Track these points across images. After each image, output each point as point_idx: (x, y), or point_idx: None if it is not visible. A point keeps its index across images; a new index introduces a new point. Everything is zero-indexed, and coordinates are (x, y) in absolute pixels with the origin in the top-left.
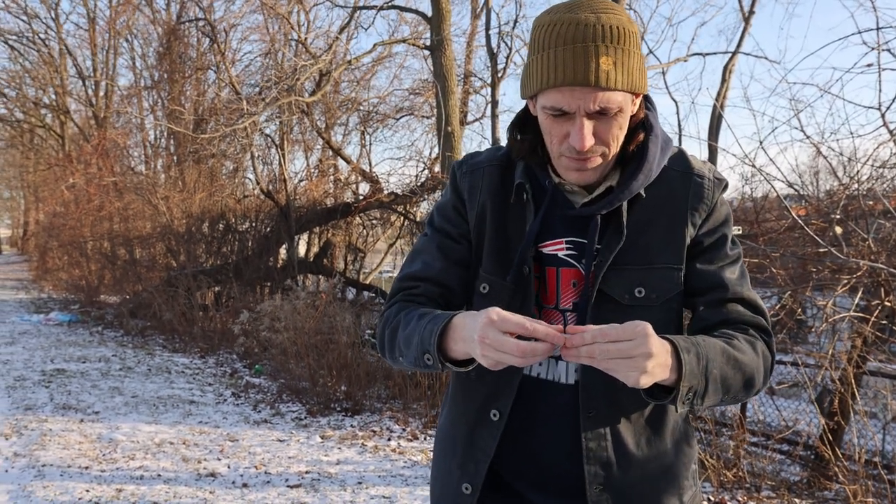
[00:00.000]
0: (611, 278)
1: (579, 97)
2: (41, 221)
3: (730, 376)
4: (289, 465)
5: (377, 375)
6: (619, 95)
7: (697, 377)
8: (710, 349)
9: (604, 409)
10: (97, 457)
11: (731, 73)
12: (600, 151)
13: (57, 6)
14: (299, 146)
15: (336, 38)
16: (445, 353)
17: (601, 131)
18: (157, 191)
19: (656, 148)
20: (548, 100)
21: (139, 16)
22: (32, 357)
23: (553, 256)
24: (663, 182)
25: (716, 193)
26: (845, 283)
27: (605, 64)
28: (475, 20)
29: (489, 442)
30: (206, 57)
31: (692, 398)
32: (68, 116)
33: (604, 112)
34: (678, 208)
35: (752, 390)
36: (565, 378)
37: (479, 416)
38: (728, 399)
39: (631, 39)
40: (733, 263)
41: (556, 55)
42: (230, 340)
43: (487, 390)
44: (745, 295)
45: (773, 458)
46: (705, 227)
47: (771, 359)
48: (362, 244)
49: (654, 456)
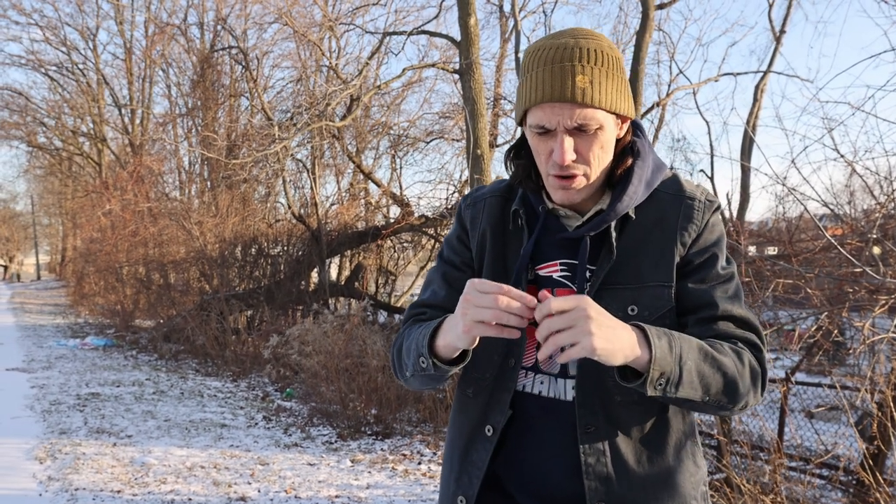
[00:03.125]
0: (604, 297)
1: (558, 112)
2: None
3: (708, 374)
4: (319, 488)
5: (407, 399)
6: (599, 114)
7: (670, 364)
8: (685, 342)
9: (602, 424)
10: (129, 481)
11: (762, 92)
12: (582, 170)
13: (95, 37)
14: (330, 170)
15: (366, 64)
16: (437, 354)
17: (582, 148)
18: (190, 216)
19: (643, 171)
20: (532, 118)
21: (174, 45)
22: (68, 381)
23: (548, 278)
24: (655, 205)
25: (706, 214)
26: (883, 303)
27: (581, 82)
28: (505, 43)
29: (482, 455)
30: (238, 84)
31: (664, 385)
32: (105, 144)
33: (583, 129)
34: (668, 229)
35: (737, 398)
36: (564, 395)
37: (474, 432)
38: (711, 402)
39: (610, 63)
40: (725, 282)
41: (537, 76)
42: (262, 364)
43: (482, 407)
44: (736, 312)
45: (813, 484)
46: (695, 246)
47: (761, 372)
48: (393, 267)
49: (656, 473)
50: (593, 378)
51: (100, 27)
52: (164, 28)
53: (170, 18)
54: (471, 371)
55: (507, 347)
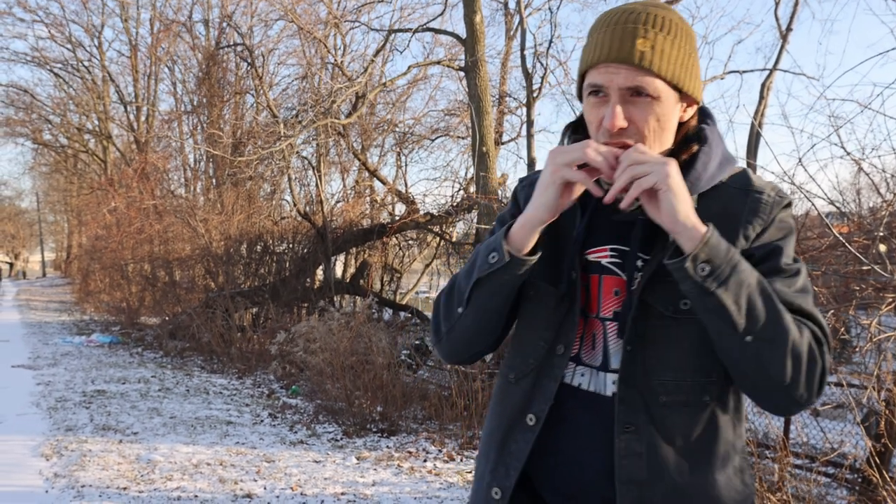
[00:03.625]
0: (655, 289)
1: (613, 72)
2: (84, 244)
3: (759, 308)
4: (325, 486)
5: (413, 396)
6: (658, 83)
7: (721, 258)
8: (746, 264)
9: (643, 425)
10: (135, 478)
11: (768, 90)
12: (632, 140)
13: (100, 35)
14: (336, 168)
15: (372, 61)
16: (515, 245)
17: (636, 117)
18: (196, 213)
19: (708, 158)
20: (589, 79)
21: (180, 42)
22: (74, 378)
23: (596, 264)
24: (719, 198)
25: (774, 209)
26: (890, 301)
27: (642, 45)
28: (510, 41)
29: (522, 446)
30: (244, 81)
31: (707, 274)
32: (110, 141)
33: (638, 92)
34: (732, 222)
35: (783, 366)
36: (604, 389)
37: (514, 421)
38: (752, 347)
39: (678, 32)
40: (790, 277)
41: (598, 38)
42: (267, 361)
43: (524, 394)
44: (799, 306)
45: (819, 482)
46: (760, 240)
47: (821, 363)
48: (399, 264)
49: (697, 485)
50: (638, 374)
51: (105, 24)
52: (170, 25)
53: (175, 15)
54: (514, 355)
55: (555, 333)
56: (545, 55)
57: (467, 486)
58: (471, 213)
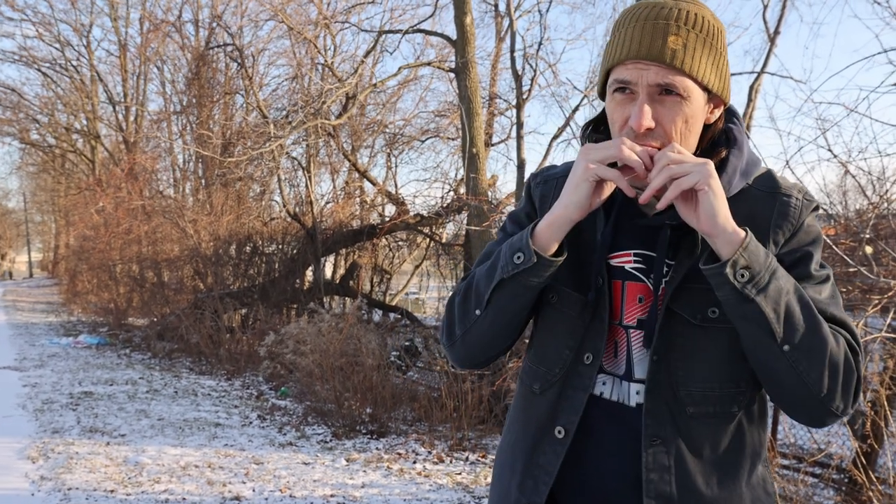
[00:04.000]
0: (682, 296)
1: (643, 69)
2: (71, 245)
3: (798, 318)
4: (314, 488)
5: (403, 398)
6: (688, 83)
7: (761, 265)
8: (784, 272)
9: (671, 437)
10: (123, 480)
11: (757, 92)
12: (658, 142)
13: (89, 34)
14: (326, 168)
15: (362, 62)
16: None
17: (663, 118)
18: (184, 214)
19: (738, 161)
20: (615, 75)
21: (169, 42)
22: (61, 380)
23: (620, 269)
24: (745, 201)
25: (804, 213)
26: (876, 303)
27: (673, 42)
28: (500, 43)
29: (552, 459)
30: (233, 82)
31: (747, 280)
32: (99, 141)
33: (668, 90)
34: (760, 226)
35: (820, 377)
36: (628, 399)
37: (542, 433)
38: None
39: (710, 32)
40: (820, 283)
41: (627, 32)
42: (256, 363)
43: (550, 405)
44: (832, 312)
45: (806, 482)
46: (788, 246)
47: (856, 373)
48: (388, 265)
49: (726, 499)
50: (664, 384)
51: (94, 23)
52: (159, 25)
53: (165, 15)
54: (537, 364)
55: (580, 341)
56: (535, 57)
57: (456, 488)
58: (461, 214)
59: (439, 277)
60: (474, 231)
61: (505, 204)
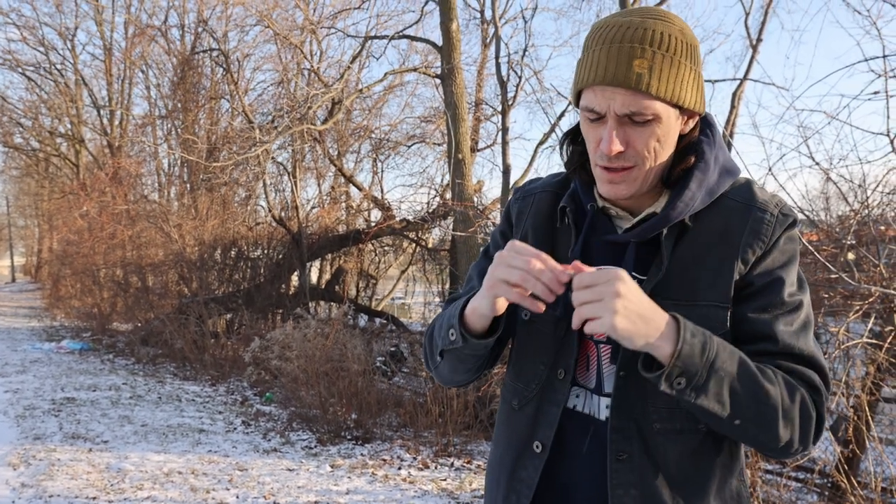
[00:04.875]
0: None
1: (610, 97)
2: (54, 249)
3: (742, 395)
4: (298, 494)
5: (388, 403)
6: (657, 104)
7: (697, 366)
8: (725, 350)
9: (637, 453)
10: (105, 487)
11: (739, 99)
12: (631, 162)
13: (73, 37)
14: (311, 174)
15: (348, 68)
16: (466, 325)
17: (634, 140)
18: (169, 218)
19: (704, 175)
20: (584, 100)
21: (154, 46)
22: (43, 386)
23: None
24: (720, 213)
25: (776, 230)
26: (857, 309)
27: (639, 66)
28: (485, 49)
29: (532, 474)
30: (219, 86)
31: (684, 386)
32: (83, 145)
33: (635, 118)
34: (732, 242)
35: (775, 435)
36: (598, 413)
37: (522, 448)
38: (741, 428)
39: (678, 48)
40: (791, 312)
41: (594, 55)
42: (241, 368)
43: (529, 420)
44: (798, 349)
45: (789, 487)
46: (759, 267)
47: (815, 417)
48: (374, 271)
49: None
50: (631, 400)
51: (78, 27)
52: (145, 29)
53: (150, 20)
54: (515, 381)
55: (554, 357)
56: (520, 64)
57: (441, 494)
58: (446, 219)
59: (425, 282)
60: (460, 236)
61: (490, 209)
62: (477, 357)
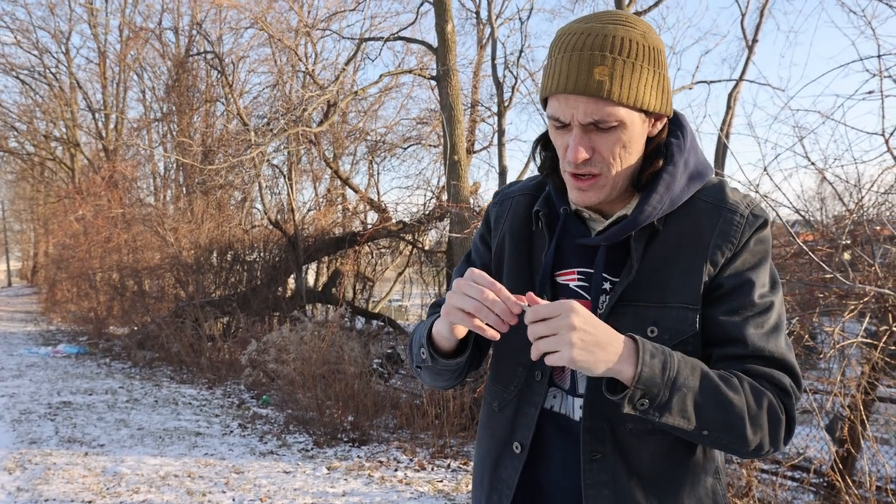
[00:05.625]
0: (623, 314)
1: (573, 106)
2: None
3: (707, 408)
4: (294, 497)
5: (384, 405)
6: (620, 110)
7: (658, 386)
8: (685, 366)
9: (610, 454)
10: (101, 491)
11: (735, 100)
12: (599, 169)
13: (68, 41)
14: (307, 176)
15: (343, 70)
16: (434, 345)
17: (600, 146)
18: (165, 222)
19: (672, 178)
20: (550, 109)
21: (149, 50)
22: (39, 390)
23: (565, 286)
24: (691, 214)
25: (746, 232)
26: (853, 308)
27: (600, 73)
28: (481, 50)
29: (511, 474)
30: (214, 89)
31: (647, 407)
32: (78, 149)
33: (599, 125)
34: (701, 244)
35: (744, 441)
36: (572, 413)
37: (503, 449)
38: (710, 438)
39: (641, 53)
40: (761, 314)
41: (557, 63)
42: (238, 371)
43: (508, 422)
44: (769, 352)
45: (785, 486)
46: (729, 269)
47: (785, 419)
48: (371, 273)
49: None
50: (603, 401)
51: (73, 30)
52: (139, 32)
53: (144, 23)
54: (495, 383)
55: (531, 360)
56: (515, 65)
57: (438, 496)
58: (443, 221)
59: (422, 284)
60: (456, 238)
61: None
62: (451, 371)
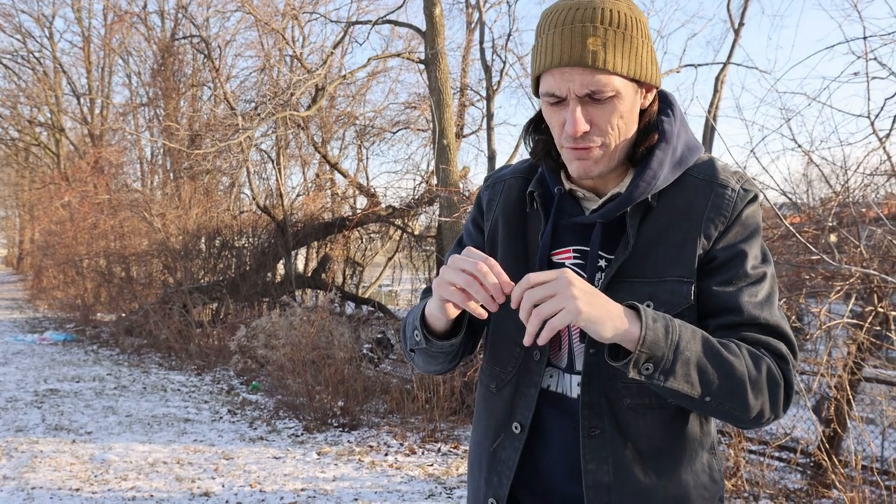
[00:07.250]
0: (619, 290)
1: (568, 78)
2: (36, 240)
3: (710, 372)
4: (284, 482)
5: (374, 390)
6: (615, 80)
7: (662, 349)
8: (687, 331)
9: (609, 428)
10: (89, 478)
11: (722, 83)
12: (599, 141)
13: (51, 25)
14: (296, 161)
15: (331, 53)
16: (428, 327)
17: (597, 117)
18: (152, 207)
19: (665, 154)
20: (543, 86)
21: (134, 33)
22: (25, 377)
23: (561, 265)
24: (683, 190)
25: (738, 205)
26: (839, 289)
27: (593, 44)
28: (470, 34)
29: (511, 454)
30: (200, 73)
31: (652, 371)
32: (63, 134)
33: (596, 96)
34: (694, 218)
35: (746, 407)
36: (570, 391)
37: (501, 429)
38: (712, 405)
39: (631, 24)
40: (754, 284)
41: (547, 39)
42: (227, 357)
43: (507, 402)
44: (763, 319)
45: (772, 466)
46: (722, 241)
47: (783, 384)
48: (360, 258)
49: (664, 487)
50: (601, 377)
51: (56, 14)
52: (123, 16)
53: (129, 6)
54: (492, 364)
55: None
56: (504, 49)
57: (428, 480)
58: (432, 205)
59: (412, 269)
60: (446, 222)
61: (476, 195)
62: (446, 353)
